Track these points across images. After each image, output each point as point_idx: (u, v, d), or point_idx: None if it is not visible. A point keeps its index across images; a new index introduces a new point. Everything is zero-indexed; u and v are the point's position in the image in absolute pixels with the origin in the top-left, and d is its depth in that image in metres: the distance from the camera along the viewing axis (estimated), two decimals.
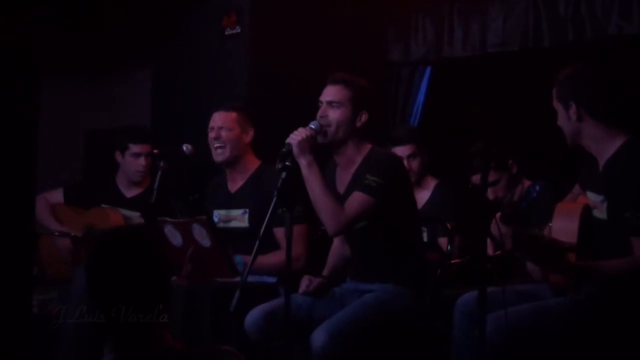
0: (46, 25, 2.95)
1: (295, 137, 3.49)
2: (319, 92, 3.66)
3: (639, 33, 4.55)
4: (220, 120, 4.27)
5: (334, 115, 3.59)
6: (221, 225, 4.24)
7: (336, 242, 3.88)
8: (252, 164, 4.28)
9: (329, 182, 3.65)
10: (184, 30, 5.34)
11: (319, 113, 3.61)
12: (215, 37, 5.14)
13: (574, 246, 3.05)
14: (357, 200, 3.49)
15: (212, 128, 4.28)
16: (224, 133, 4.24)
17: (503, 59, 5.13)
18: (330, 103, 3.60)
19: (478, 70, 5.26)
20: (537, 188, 3.91)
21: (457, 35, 5.27)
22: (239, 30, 5.04)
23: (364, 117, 3.61)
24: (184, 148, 4.48)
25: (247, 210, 4.19)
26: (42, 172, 3.02)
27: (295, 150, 3.47)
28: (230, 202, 4.27)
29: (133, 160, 4.78)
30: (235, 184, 4.30)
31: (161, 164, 4.38)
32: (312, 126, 3.56)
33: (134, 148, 4.78)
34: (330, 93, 3.62)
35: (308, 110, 3.70)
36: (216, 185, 4.39)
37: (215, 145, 4.25)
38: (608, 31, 4.65)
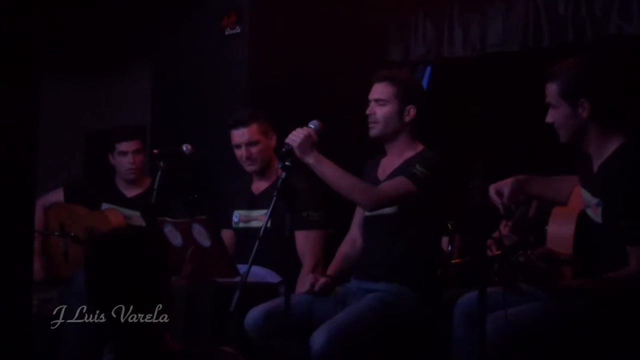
0: (46, 25, 2.95)
1: (295, 138, 3.49)
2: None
3: (639, 33, 4.55)
4: (245, 137, 4.21)
5: (380, 112, 3.67)
6: (241, 225, 4.26)
7: (345, 243, 3.88)
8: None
9: (370, 169, 3.70)
10: (184, 30, 5.33)
11: (367, 111, 3.68)
12: (215, 37, 5.13)
13: (570, 259, 2.98)
14: (397, 181, 3.54)
15: (239, 146, 4.22)
16: (253, 149, 4.20)
17: (503, 59, 5.13)
18: (377, 101, 3.67)
19: (478, 70, 5.25)
20: None
21: (457, 35, 5.26)
22: (239, 30, 5.03)
23: (412, 112, 3.68)
24: (184, 148, 4.48)
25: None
26: (42, 172, 3.01)
27: (297, 152, 3.47)
28: (254, 203, 4.26)
29: (121, 159, 4.77)
30: (260, 187, 4.28)
31: (161, 164, 4.38)
32: (312, 125, 3.56)
33: (120, 147, 4.76)
34: (376, 91, 3.70)
35: (308, 109, 3.70)
36: (239, 187, 4.38)
37: (245, 160, 4.22)
38: (608, 31, 4.64)
